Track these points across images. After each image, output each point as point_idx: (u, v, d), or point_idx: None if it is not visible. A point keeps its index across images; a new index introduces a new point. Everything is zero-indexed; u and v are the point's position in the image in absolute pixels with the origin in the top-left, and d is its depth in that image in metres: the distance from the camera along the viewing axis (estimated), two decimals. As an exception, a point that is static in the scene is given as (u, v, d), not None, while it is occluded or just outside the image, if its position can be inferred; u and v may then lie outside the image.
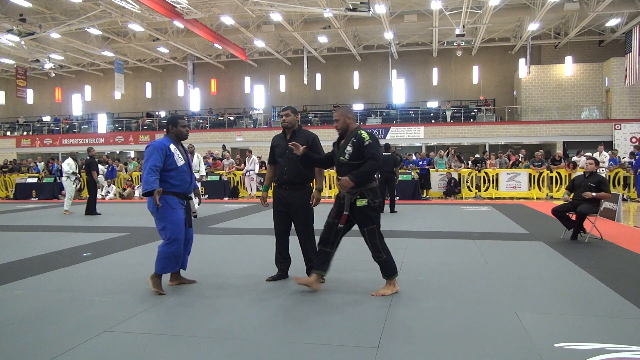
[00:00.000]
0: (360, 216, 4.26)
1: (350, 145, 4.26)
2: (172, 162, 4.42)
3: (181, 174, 4.49)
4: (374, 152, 4.21)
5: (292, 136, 4.82)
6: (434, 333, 3.38)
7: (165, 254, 4.42)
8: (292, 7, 20.00)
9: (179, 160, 4.47)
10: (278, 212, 4.86)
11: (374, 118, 27.17)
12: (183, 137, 4.65)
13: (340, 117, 4.42)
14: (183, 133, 4.63)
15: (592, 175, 7.26)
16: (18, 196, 18.21)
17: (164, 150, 4.40)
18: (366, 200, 4.22)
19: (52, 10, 21.25)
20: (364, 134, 4.27)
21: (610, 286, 4.48)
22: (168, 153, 4.41)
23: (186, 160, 4.58)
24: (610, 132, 23.18)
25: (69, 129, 30.84)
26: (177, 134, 4.60)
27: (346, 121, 4.41)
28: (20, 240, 7.95)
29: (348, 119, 4.42)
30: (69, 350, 3.11)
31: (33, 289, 4.73)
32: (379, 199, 4.37)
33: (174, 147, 4.48)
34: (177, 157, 4.45)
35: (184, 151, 4.65)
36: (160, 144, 4.43)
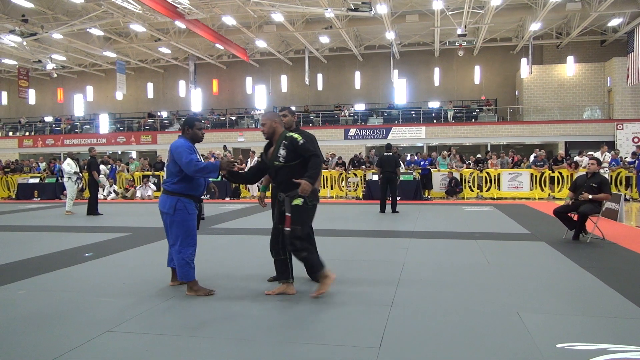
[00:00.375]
0: (293, 215, 4.20)
1: (283, 148, 4.21)
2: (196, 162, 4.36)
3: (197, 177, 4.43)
4: (312, 149, 4.20)
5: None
6: (436, 333, 3.38)
7: (182, 261, 4.33)
8: (293, 7, 20.01)
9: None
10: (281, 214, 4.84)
11: (375, 118, 27.17)
12: (198, 140, 4.55)
13: (266, 121, 4.37)
14: (198, 135, 4.53)
15: (595, 176, 7.25)
16: (20, 196, 18.23)
17: (191, 147, 4.36)
18: (302, 200, 4.17)
19: (54, 10, 21.30)
20: (295, 135, 4.23)
21: (613, 286, 4.47)
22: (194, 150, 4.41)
23: None
24: (612, 132, 23.13)
25: (71, 129, 30.90)
26: (193, 136, 4.50)
27: (273, 125, 4.35)
28: (23, 240, 7.97)
29: (275, 123, 4.36)
30: (71, 350, 3.12)
31: (36, 288, 4.74)
32: (317, 201, 4.31)
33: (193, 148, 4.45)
34: (198, 157, 4.40)
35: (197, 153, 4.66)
36: (185, 143, 4.36)
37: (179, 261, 4.33)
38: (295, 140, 4.19)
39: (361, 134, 25.41)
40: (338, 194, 16.89)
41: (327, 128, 26.27)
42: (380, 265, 5.58)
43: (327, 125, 26.89)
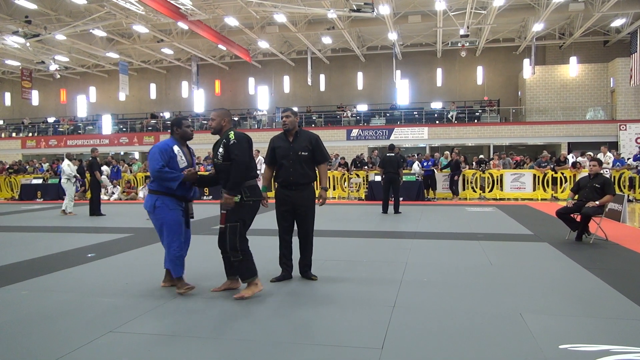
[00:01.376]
0: (229, 210, 4.18)
1: (222, 146, 4.24)
2: (174, 164, 4.41)
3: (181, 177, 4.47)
4: (237, 152, 4.13)
5: (295, 137, 4.83)
6: (438, 334, 3.38)
7: (168, 257, 4.45)
8: (296, 8, 20.02)
9: (182, 163, 4.47)
10: (282, 212, 4.86)
11: (377, 119, 27.15)
12: (188, 138, 4.63)
13: (216, 117, 4.40)
14: (188, 133, 4.61)
15: (597, 177, 7.23)
16: (23, 197, 18.28)
17: (167, 152, 4.41)
18: (239, 196, 4.15)
19: (57, 12, 21.36)
20: (231, 134, 4.21)
21: (616, 287, 4.46)
22: (171, 155, 4.41)
23: (189, 163, 4.57)
24: (615, 133, 23.06)
25: (74, 130, 30.97)
26: (182, 134, 4.58)
27: (221, 123, 4.37)
28: (26, 240, 7.99)
29: (224, 121, 4.37)
30: (74, 350, 3.12)
31: (38, 289, 4.76)
32: (256, 198, 4.30)
33: (177, 149, 4.47)
34: (179, 159, 4.45)
35: (189, 152, 4.66)
36: (164, 145, 4.46)
37: (169, 256, 4.45)
38: (229, 139, 4.19)
39: (363, 134, 25.40)
40: (340, 194, 16.89)
41: (329, 129, 26.26)
42: (383, 266, 5.58)
43: (330, 126, 26.88)
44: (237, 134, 4.24)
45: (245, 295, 4.20)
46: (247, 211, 4.27)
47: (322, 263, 5.48)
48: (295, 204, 4.76)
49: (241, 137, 4.23)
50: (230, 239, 4.18)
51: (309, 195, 4.84)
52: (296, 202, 4.76)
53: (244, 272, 4.25)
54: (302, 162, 4.76)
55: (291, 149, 4.76)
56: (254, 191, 4.28)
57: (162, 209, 4.38)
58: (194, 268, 5.54)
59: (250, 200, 4.24)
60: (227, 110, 4.63)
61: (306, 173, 4.80)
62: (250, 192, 4.22)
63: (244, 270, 4.25)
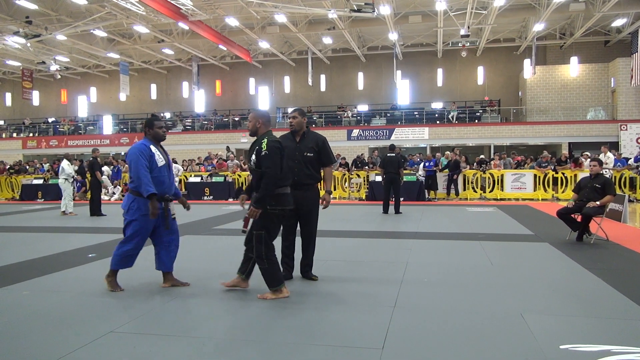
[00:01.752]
0: (255, 219, 4.17)
1: (254, 153, 4.20)
2: (153, 163, 4.48)
3: (160, 176, 4.54)
4: (268, 164, 4.07)
5: (302, 138, 4.86)
6: (439, 334, 3.38)
7: (116, 251, 4.53)
8: (296, 9, 20.03)
9: (160, 161, 4.54)
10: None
11: (378, 119, 27.17)
12: (160, 139, 4.69)
13: (251, 119, 4.36)
14: (160, 134, 4.67)
15: (598, 177, 7.23)
16: (24, 197, 18.30)
17: (146, 152, 4.47)
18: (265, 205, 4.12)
19: (58, 12, 21.38)
20: (264, 143, 4.13)
21: (617, 288, 4.46)
22: (150, 154, 4.49)
23: (166, 161, 4.64)
24: (616, 133, 23.06)
25: (75, 131, 30.99)
26: (155, 135, 4.65)
27: (256, 125, 4.32)
28: (27, 241, 8.00)
29: (258, 123, 4.32)
30: (74, 351, 3.13)
31: (39, 289, 4.76)
32: (281, 207, 4.22)
33: (154, 148, 4.55)
34: (157, 158, 4.52)
35: (164, 152, 4.72)
36: (141, 146, 4.52)
37: (116, 250, 4.52)
38: (261, 149, 4.13)
39: (364, 134, 25.41)
40: (341, 194, 16.89)
41: (330, 129, 26.26)
42: (383, 266, 5.58)
43: (330, 126, 26.89)
44: (269, 143, 4.13)
45: (268, 297, 4.22)
46: (272, 220, 4.22)
47: (322, 263, 5.48)
48: (299, 203, 4.74)
49: (273, 147, 4.12)
50: (257, 248, 4.17)
51: (312, 195, 4.86)
52: (300, 202, 4.74)
53: (269, 280, 4.24)
54: (307, 163, 4.79)
55: (297, 149, 4.78)
56: (280, 200, 4.19)
57: (136, 212, 4.44)
58: (194, 268, 5.54)
59: (275, 210, 4.18)
60: (262, 111, 4.55)
61: (311, 174, 4.83)
62: (276, 202, 4.15)
63: (269, 278, 4.23)
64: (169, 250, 4.71)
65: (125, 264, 4.57)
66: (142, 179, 4.34)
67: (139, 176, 4.35)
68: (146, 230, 4.53)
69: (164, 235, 4.66)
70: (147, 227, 4.51)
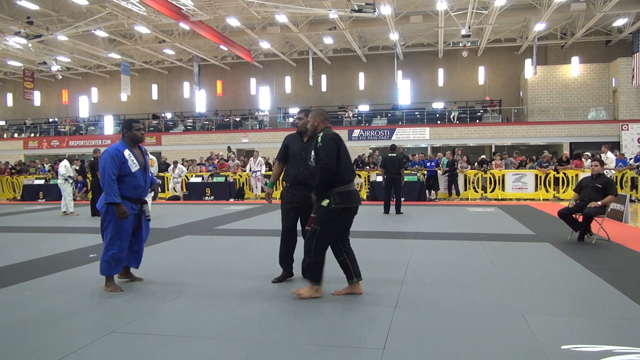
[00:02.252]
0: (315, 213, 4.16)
1: (314, 149, 4.19)
2: (126, 169, 4.49)
3: (135, 180, 4.56)
4: (322, 156, 4.04)
5: (310, 138, 4.78)
6: (440, 334, 3.38)
7: (103, 257, 4.53)
8: (297, 9, 20.03)
9: (133, 166, 4.54)
10: (287, 210, 4.83)
11: (379, 119, 27.17)
12: (138, 140, 4.70)
13: (310, 118, 4.39)
14: (137, 136, 4.67)
15: (599, 177, 7.22)
16: (25, 197, 18.32)
17: (118, 158, 4.47)
18: (328, 201, 4.07)
19: (59, 12, 21.40)
20: (319, 136, 4.14)
21: (618, 288, 4.45)
22: (123, 160, 4.48)
23: (142, 165, 4.64)
24: (617, 133, 23.04)
25: (76, 131, 31.03)
26: (132, 137, 4.65)
27: (315, 124, 4.34)
28: (28, 241, 8.01)
29: (317, 122, 4.34)
30: (76, 351, 3.13)
31: (41, 289, 4.76)
32: (345, 205, 4.13)
33: (128, 153, 4.54)
34: (131, 163, 4.52)
35: (142, 153, 4.72)
36: (114, 151, 4.51)
37: (103, 256, 4.52)
38: (317, 142, 4.12)
39: (365, 135, 25.41)
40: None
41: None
42: (384, 266, 5.58)
43: (331, 127, 26.85)
44: (325, 136, 4.10)
45: (303, 294, 4.20)
46: (334, 218, 4.11)
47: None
48: (303, 203, 4.73)
49: (328, 139, 4.08)
50: (308, 241, 4.12)
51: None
52: (303, 201, 4.73)
53: (310, 275, 4.21)
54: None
55: (304, 149, 4.75)
56: (345, 197, 4.10)
57: (112, 211, 4.46)
58: (196, 269, 5.55)
59: (338, 207, 4.08)
60: (319, 109, 4.52)
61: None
62: (340, 199, 4.07)
63: (310, 273, 4.20)
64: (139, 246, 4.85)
65: (115, 268, 4.57)
66: (106, 187, 4.39)
67: (105, 184, 4.41)
68: (126, 231, 4.55)
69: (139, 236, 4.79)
70: (126, 227, 4.53)
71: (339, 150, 4.12)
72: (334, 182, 4.07)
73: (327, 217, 4.09)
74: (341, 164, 4.13)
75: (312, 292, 4.20)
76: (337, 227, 4.20)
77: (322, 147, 4.05)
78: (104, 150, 4.66)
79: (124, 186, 4.50)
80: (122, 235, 4.53)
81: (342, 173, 4.13)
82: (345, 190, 4.13)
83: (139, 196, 4.61)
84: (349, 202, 4.15)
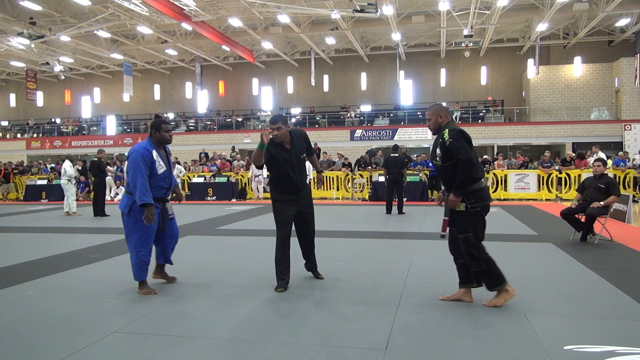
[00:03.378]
0: (457, 221, 3.96)
1: (439, 147, 3.95)
2: (154, 170, 4.42)
3: (159, 181, 4.47)
4: (458, 151, 3.79)
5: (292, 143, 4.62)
6: (442, 335, 3.37)
7: (134, 261, 4.45)
8: (299, 9, 20.04)
9: (160, 168, 4.46)
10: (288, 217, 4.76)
11: (381, 119, 27.16)
12: (166, 142, 4.61)
13: (431, 116, 4.10)
14: (166, 138, 4.58)
15: (602, 177, 7.20)
16: (28, 198, 18.37)
17: (148, 158, 4.38)
18: (464, 204, 3.88)
19: (62, 13, 21.46)
20: (445, 133, 3.90)
21: (621, 288, 4.44)
22: (152, 160, 4.40)
23: (167, 166, 4.57)
24: (620, 133, 22.99)
25: (79, 131, 31.10)
26: (160, 138, 4.56)
27: (438, 120, 4.06)
28: (31, 241, 8.03)
29: (440, 117, 4.06)
30: (79, 351, 3.13)
31: (43, 289, 4.77)
32: (481, 203, 3.93)
33: (156, 154, 4.45)
34: (158, 165, 4.44)
35: (166, 155, 4.65)
36: (144, 151, 4.39)
37: (134, 260, 4.43)
38: (444, 140, 3.88)
39: (367, 135, 25.40)
40: (344, 195, 16.88)
41: (333, 129, 26.28)
42: (387, 267, 5.58)
43: (333, 127, 26.90)
44: (451, 132, 3.88)
45: (497, 303, 3.91)
46: (477, 220, 3.94)
47: (326, 264, 5.48)
48: (301, 204, 4.71)
49: (456, 135, 3.85)
50: (467, 252, 3.91)
51: (308, 192, 4.86)
52: (301, 202, 4.72)
53: (489, 281, 3.94)
54: (302, 164, 4.78)
55: (293, 155, 4.58)
56: (479, 195, 3.91)
57: (137, 213, 4.35)
58: (198, 268, 5.55)
59: (477, 207, 3.91)
60: (438, 104, 4.26)
61: (306, 173, 4.88)
62: (475, 198, 3.88)
63: (488, 280, 3.94)
64: (170, 245, 4.78)
65: (145, 272, 4.49)
66: (139, 187, 4.25)
67: (136, 184, 4.26)
68: (152, 230, 4.46)
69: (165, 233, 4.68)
70: (152, 227, 4.44)
71: (469, 143, 3.90)
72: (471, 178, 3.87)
73: (474, 220, 3.93)
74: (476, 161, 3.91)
75: (504, 294, 3.93)
76: (484, 225, 4.02)
77: (453, 142, 3.83)
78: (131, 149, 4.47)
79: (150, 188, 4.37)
80: (149, 235, 4.44)
81: (478, 171, 3.91)
82: (479, 187, 3.94)
83: (161, 197, 4.52)
84: (484, 200, 3.97)
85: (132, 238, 4.43)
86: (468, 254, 3.92)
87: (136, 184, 4.26)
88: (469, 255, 3.92)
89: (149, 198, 4.25)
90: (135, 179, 4.27)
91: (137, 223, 4.38)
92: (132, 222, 4.42)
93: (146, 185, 4.27)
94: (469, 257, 3.92)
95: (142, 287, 4.50)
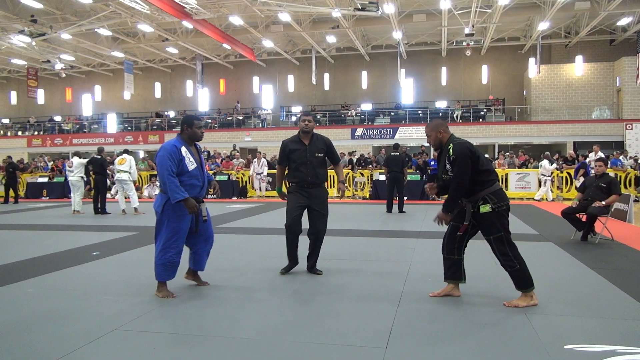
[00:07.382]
0: (485, 223, 3.97)
1: (447, 161, 3.99)
2: (183, 167, 4.24)
3: (191, 179, 4.29)
4: (456, 169, 3.89)
5: (311, 140, 5.07)
6: (443, 334, 3.37)
7: (159, 261, 4.28)
8: (300, 7, 20.02)
9: (190, 165, 4.28)
10: (296, 205, 4.97)
11: (382, 118, 27.14)
12: (197, 139, 4.46)
13: (430, 132, 4.14)
14: (197, 134, 4.42)
15: (603, 176, 7.20)
16: (29, 195, 18.38)
17: (176, 154, 4.22)
18: (489, 205, 3.91)
19: (63, 11, 21.45)
20: (450, 148, 3.94)
21: (621, 288, 4.44)
22: (180, 157, 4.24)
23: (198, 163, 4.40)
24: (621, 132, 22.97)
25: (79, 129, 31.11)
26: (192, 135, 4.40)
27: (438, 136, 4.11)
28: (32, 239, 8.03)
29: (440, 133, 4.10)
30: (79, 348, 3.14)
31: (44, 287, 4.78)
32: (505, 202, 3.99)
33: (185, 150, 4.29)
34: (187, 161, 4.27)
35: (197, 152, 4.48)
36: (172, 148, 4.25)
37: (159, 260, 4.26)
38: (449, 155, 3.95)
39: (368, 133, 25.40)
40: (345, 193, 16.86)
41: (333, 128, 26.26)
42: (387, 265, 5.58)
43: (334, 125, 26.88)
44: (456, 147, 3.91)
45: (520, 305, 3.91)
46: (504, 218, 3.98)
47: (326, 262, 5.48)
48: (311, 201, 4.95)
49: (460, 151, 3.89)
50: (501, 251, 3.93)
51: (322, 193, 5.06)
52: (312, 200, 4.95)
53: (522, 281, 3.95)
54: (317, 163, 5.00)
55: (308, 150, 4.99)
56: (500, 195, 3.98)
57: (169, 213, 4.21)
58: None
59: (502, 206, 3.95)
60: (436, 120, 4.32)
61: (322, 173, 5.06)
62: (498, 198, 3.94)
63: (521, 280, 3.95)
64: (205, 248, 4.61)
65: (171, 274, 4.32)
66: (168, 185, 4.09)
67: (165, 182, 4.13)
68: (183, 232, 4.28)
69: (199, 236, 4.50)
70: (183, 228, 4.27)
71: (474, 161, 3.92)
72: (483, 185, 3.95)
73: (502, 220, 3.97)
74: (483, 166, 3.97)
75: (528, 300, 3.94)
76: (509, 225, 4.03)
77: (455, 159, 3.90)
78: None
79: (181, 184, 4.18)
80: (180, 236, 4.26)
81: (491, 174, 4.01)
82: (498, 188, 4.01)
83: (195, 196, 4.29)
84: (505, 199, 4.03)
85: (162, 237, 4.26)
86: (502, 253, 3.93)
87: (165, 182, 4.13)
88: (502, 255, 3.93)
89: (182, 193, 4.10)
90: (163, 177, 4.15)
91: (169, 223, 4.21)
92: (164, 222, 4.24)
93: (175, 181, 4.12)
94: (503, 257, 3.93)
95: (160, 290, 4.33)
